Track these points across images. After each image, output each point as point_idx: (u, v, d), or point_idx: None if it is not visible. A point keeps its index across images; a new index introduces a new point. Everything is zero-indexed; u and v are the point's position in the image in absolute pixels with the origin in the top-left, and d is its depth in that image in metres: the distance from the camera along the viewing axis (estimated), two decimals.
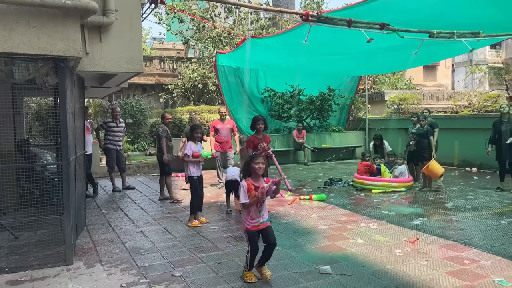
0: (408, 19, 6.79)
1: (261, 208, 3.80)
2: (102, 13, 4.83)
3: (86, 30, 4.79)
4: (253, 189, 3.69)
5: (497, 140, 7.97)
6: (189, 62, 21.16)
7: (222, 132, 8.81)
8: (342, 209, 6.82)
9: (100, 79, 7.02)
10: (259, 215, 3.78)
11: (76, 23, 4.26)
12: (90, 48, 4.90)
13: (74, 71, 4.99)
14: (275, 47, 8.97)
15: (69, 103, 4.56)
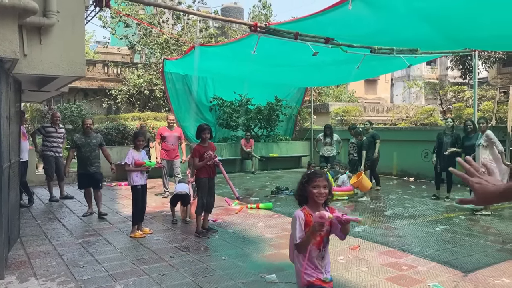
0: (351, 34, 7.09)
1: (324, 252, 2.56)
2: (43, 13, 4.59)
3: (24, 31, 4.53)
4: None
5: (437, 151, 8.46)
6: (135, 68, 20.65)
7: (169, 140, 8.61)
8: (288, 217, 6.91)
9: (38, 83, 6.64)
10: (322, 264, 2.54)
11: (13, 23, 4.02)
12: (29, 49, 4.64)
13: (10, 74, 4.69)
14: (224, 56, 9.00)
15: (4, 107, 4.27)
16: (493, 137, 7.02)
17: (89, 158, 6.95)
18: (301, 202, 2.66)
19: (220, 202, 8.09)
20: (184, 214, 6.67)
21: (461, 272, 4.28)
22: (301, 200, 2.65)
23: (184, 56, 9.87)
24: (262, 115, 14.11)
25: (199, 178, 5.81)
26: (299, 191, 2.66)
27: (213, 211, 7.12)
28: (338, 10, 5.64)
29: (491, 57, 14.86)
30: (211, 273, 4.27)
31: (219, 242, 5.46)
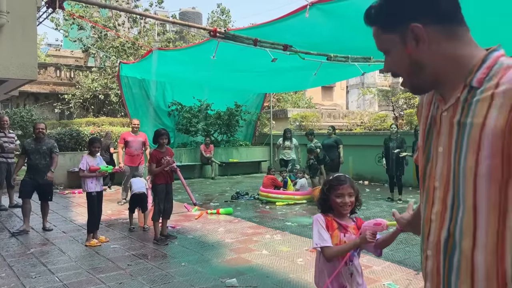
0: (308, 42, 7.27)
1: (352, 267, 2.25)
2: None
3: None
4: (336, 227, 2.25)
5: (386, 155, 8.87)
6: (89, 71, 20.01)
7: (132, 145, 8.32)
8: (248, 222, 6.95)
9: None
10: (351, 281, 2.23)
11: None
12: None
13: None
14: (183, 60, 8.93)
15: None
16: None
17: (38, 166, 6.33)
18: (324, 211, 2.32)
19: (180, 208, 8.00)
20: (142, 221, 6.53)
21: (414, 270, 4.47)
22: (324, 209, 2.32)
23: (141, 60, 9.70)
24: (222, 121, 14.10)
25: (156, 184, 5.73)
26: (321, 200, 2.33)
27: (172, 218, 7.03)
28: (296, 17, 5.78)
29: None
30: (170, 280, 4.21)
31: (178, 248, 5.40)
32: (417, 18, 1.10)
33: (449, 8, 1.11)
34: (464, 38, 1.12)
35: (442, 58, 1.12)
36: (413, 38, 1.11)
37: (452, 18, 1.12)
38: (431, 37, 1.11)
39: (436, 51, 1.12)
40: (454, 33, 1.11)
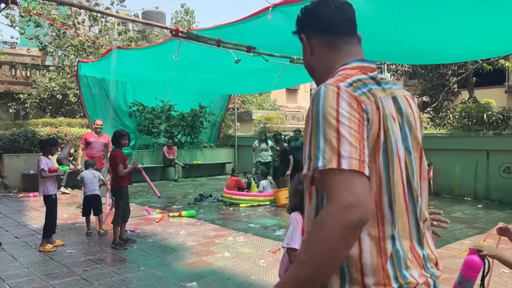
0: (272, 44, 7.29)
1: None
2: None
3: None
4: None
5: None
6: (46, 70, 19.24)
7: (94, 146, 7.91)
8: (211, 224, 6.87)
9: None
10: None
11: None
12: None
13: None
14: (144, 60, 8.74)
15: None
16: None
17: None
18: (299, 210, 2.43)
19: (140, 212, 7.83)
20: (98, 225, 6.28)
21: None
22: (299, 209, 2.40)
23: (100, 59, 9.41)
24: (185, 122, 13.92)
25: (121, 186, 5.56)
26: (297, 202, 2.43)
27: (132, 221, 6.88)
28: (259, 19, 5.78)
29: (399, 70, 16.21)
30: (128, 285, 4.09)
31: (137, 252, 5.25)
32: (304, 30, 1.35)
33: (329, 22, 1.31)
34: (342, 48, 1.31)
35: (321, 64, 1.34)
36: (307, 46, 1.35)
37: (331, 31, 1.31)
38: (315, 45, 1.33)
39: (317, 57, 1.34)
40: (333, 44, 1.32)
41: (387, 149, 1.16)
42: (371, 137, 1.13)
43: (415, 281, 1.16)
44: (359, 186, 1.04)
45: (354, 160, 1.05)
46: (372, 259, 1.13)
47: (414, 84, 19.41)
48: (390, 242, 1.15)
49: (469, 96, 15.46)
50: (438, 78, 16.39)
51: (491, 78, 17.20)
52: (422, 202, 1.26)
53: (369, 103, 1.14)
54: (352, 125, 1.08)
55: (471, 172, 9.45)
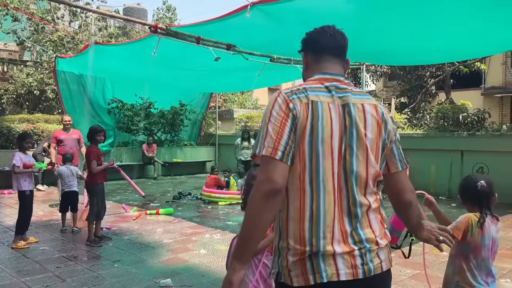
0: (251, 42, 7.32)
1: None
2: None
3: None
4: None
5: None
6: (24, 66, 18.82)
7: (66, 143, 7.67)
8: (188, 222, 6.86)
9: None
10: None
11: None
12: None
13: None
14: (123, 56, 8.63)
15: None
16: None
17: None
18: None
19: (117, 209, 7.76)
20: (73, 222, 6.19)
21: None
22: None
23: (78, 55, 9.26)
24: (165, 120, 13.83)
25: (95, 183, 5.49)
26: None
27: (109, 219, 6.83)
28: (237, 17, 5.79)
29: (378, 71, 16.45)
30: (101, 282, 4.06)
31: (112, 249, 5.21)
32: (304, 49, 1.76)
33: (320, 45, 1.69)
34: (321, 66, 1.68)
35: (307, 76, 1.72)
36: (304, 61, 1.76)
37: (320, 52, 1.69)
38: (308, 62, 1.74)
39: (307, 71, 1.75)
40: (317, 62, 1.70)
41: (312, 141, 1.49)
42: (299, 128, 1.49)
43: (331, 250, 1.45)
44: (271, 167, 1.45)
45: (269, 149, 1.46)
46: (293, 224, 1.49)
47: (393, 85, 19.72)
48: (309, 212, 1.47)
49: (446, 98, 15.80)
50: (416, 79, 16.70)
51: (468, 80, 17.64)
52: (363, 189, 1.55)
53: (298, 104, 1.51)
54: (276, 123, 1.49)
55: (446, 172, 9.68)
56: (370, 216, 1.55)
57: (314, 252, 1.45)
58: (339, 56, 1.71)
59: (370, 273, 1.48)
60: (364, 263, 1.48)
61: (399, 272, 4.44)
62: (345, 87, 1.61)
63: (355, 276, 1.46)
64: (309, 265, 1.45)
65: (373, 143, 1.57)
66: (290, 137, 1.48)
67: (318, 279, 1.43)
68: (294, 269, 1.46)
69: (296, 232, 1.47)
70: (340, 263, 1.45)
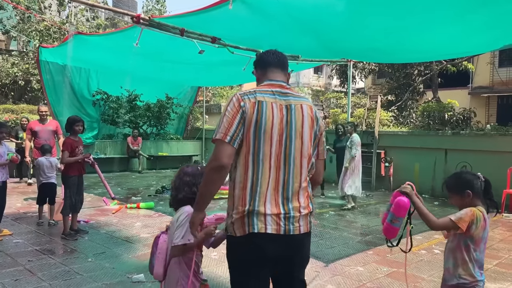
0: (236, 36, 7.23)
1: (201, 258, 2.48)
2: None
3: None
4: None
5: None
6: (9, 55, 18.48)
7: (42, 135, 7.36)
8: (169, 216, 6.76)
9: None
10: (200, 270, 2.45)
11: None
12: None
13: None
14: (106, 46, 8.47)
15: None
16: (354, 141, 7.73)
17: None
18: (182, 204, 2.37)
19: (97, 202, 7.64)
20: (50, 214, 6.08)
21: (323, 262, 4.61)
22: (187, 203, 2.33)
23: (61, 44, 9.09)
24: (151, 113, 13.69)
25: (67, 175, 5.36)
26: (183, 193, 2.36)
27: (87, 212, 6.72)
28: (220, 9, 5.69)
29: (366, 68, 16.44)
30: (73, 276, 3.97)
31: (87, 243, 5.12)
32: (255, 67, 2.30)
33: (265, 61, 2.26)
34: (268, 75, 2.22)
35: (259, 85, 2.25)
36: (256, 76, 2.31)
37: (265, 67, 2.25)
38: (258, 75, 2.29)
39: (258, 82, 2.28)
40: (264, 73, 2.24)
41: (256, 131, 2.00)
42: (247, 121, 2.00)
43: (263, 210, 1.98)
44: (220, 148, 1.97)
45: (221, 134, 1.98)
46: (238, 191, 2.01)
47: (381, 83, 19.75)
48: (250, 182, 1.99)
49: (433, 96, 15.87)
50: (404, 77, 16.73)
51: (455, 79, 17.73)
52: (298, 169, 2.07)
53: (248, 102, 2.02)
54: (229, 115, 2.01)
55: (430, 170, 9.72)
56: (299, 190, 2.07)
57: (250, 211, 1.97)
58: (281, 68, 2.24)
59: (289, 232, 2.01)
60: (286, 224, 2.00)
61: (376, 270, 4.43)
62: (287, 91, 2.14)
63: (277, 232, 1.99)
64: (246, 220, 1.97)
65: (307, 134, 2.10)
66: (238, 127, 1.98)
67: (251, 229, 1.97)
68: (237, 223, 1.99)
69: (239, 196, 1.99)
70: (269, 221, 1.98)
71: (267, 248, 1.99)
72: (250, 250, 2.00)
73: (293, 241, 2.04)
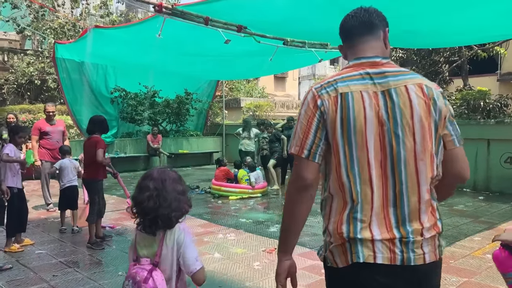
0: (264, 21, 6.69)
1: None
2: None
3: None
4: None
5: None
6: (24, 55, 18.28)
7: (53, 135, 6.88)
8: (198, 219, 6.32)
9: None
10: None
11: None
12: None
13: None
14: (125, 40, 8.01)
15: None
16: None
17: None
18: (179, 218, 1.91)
19: (121, 205, 7.24)
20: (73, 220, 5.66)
21: None
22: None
23: (78, 40, 8.66)
24: (171, 109, 13.25)
25: (96, 179, 4.96)
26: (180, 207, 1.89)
27: (112, 216, 6.33)
28: None
29: (393, 56, 15.70)
30: None
31: (116, 253, 4.68)
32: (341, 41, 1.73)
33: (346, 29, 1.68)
34: (354, 49, 1.65)
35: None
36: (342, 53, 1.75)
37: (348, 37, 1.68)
38: (345, 52, 1.72)
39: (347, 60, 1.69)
40: (350, 46, 1.67)
41: (344, 134, 1.49)
42: (330, 124, 1.51)
43: (369, 235, 1.46)
44: (300, 165, 1.56)
45: (297, 148, 1.55)
46: (335, 212, 1.54)
47: None
48: (348, 203, 1.50)
49: (463, 84, 15.09)
50: (430, 65, 15.97)
51: (483, 66, 16.86)
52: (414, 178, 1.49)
53: (327, 99, 1.52)
54: (303, 121, 1.55)
55: (471, 162, 8.93)
56: (419, 206, 1.50)
57: (351, 238, 1.48)
58: (369, 32, 1.63)
59: (409, 262, 1.46)
60: (404, 251, 1.46)
61: (444, 281, 3.88)
62: (383, 70, 1.55)
63: (392, 262, 1.46)
64: (348, 247, 1.49)
65: (422, 126, 1.50)
66: (316, 135, 1.53)
67: (354, 258, 1.47)
68: (336, 252, 1.52)
69: (335, 220, 1.53)
70: (379, 247, 1.46)
71: (378, 283, 1.47)
72: (356, 286, 1.51)
73: (415, 273, 1.49)
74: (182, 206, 1.91)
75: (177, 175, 1.95)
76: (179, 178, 1.94)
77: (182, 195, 1.91)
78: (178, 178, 1.94)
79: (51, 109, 7.01)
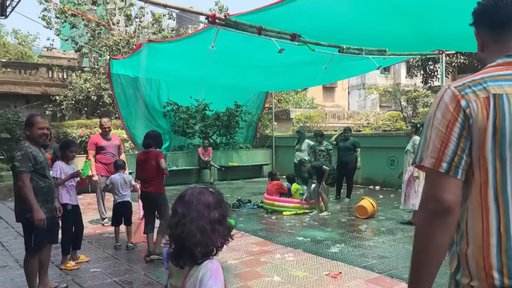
0: (319, 28, 6.38)
1: None
2: None
3: None
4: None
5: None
6: (82, 71, 19.14)
7: (109, 150, 6.89)
8: (253, 236, 6.04)
9: None
10: None
11: None
12: None
13: None
14: (178, 54, 8.00)
15: None
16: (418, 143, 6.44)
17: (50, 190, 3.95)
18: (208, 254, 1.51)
19: None
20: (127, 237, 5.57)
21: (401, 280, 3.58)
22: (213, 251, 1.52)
23: (132, 55, 8.76)
24: (221, 122, 13.20)
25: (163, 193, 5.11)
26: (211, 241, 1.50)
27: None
28: None
29: (453, 62, 14.81)
30: None
31: None
32: (477, 24, 1.41)
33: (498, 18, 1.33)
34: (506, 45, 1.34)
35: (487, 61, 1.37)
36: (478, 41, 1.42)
37: (499, 27, 1.34)
38: (485, 41, 1.39)
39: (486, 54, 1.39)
40: (499, 39, 1.35)
41: (496, 146, 1.21)
42: (477, 131, 1.22)
43: None
44: (436, 182, 1.25)
45: (432, 160, 1.25)
46: (475, 249, 1.22)
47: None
48: (495, 235, 1.20)
49: None
50: None
51: None
52: None
53: (473, 100, 1.23)
54: (441, 127, 1.26)
55: None
56: None
57: (506, 284, 1.18)
58: None
59: None
60: None
61: None
62: None
63: None
64: None
65: None
66: (459, 145, 1.24)
67: None
68: None
69: (479, 261, 1.22)
70: None
71: None
72: None
73: None
74: (214, 239, 1.51)
75: (213, 199, 1.54)
76: (216, 202, 1.53)
77: (217, 225, 1.52)
78: (214, 203, 1.53)
79: (107, 124, 7.01)
